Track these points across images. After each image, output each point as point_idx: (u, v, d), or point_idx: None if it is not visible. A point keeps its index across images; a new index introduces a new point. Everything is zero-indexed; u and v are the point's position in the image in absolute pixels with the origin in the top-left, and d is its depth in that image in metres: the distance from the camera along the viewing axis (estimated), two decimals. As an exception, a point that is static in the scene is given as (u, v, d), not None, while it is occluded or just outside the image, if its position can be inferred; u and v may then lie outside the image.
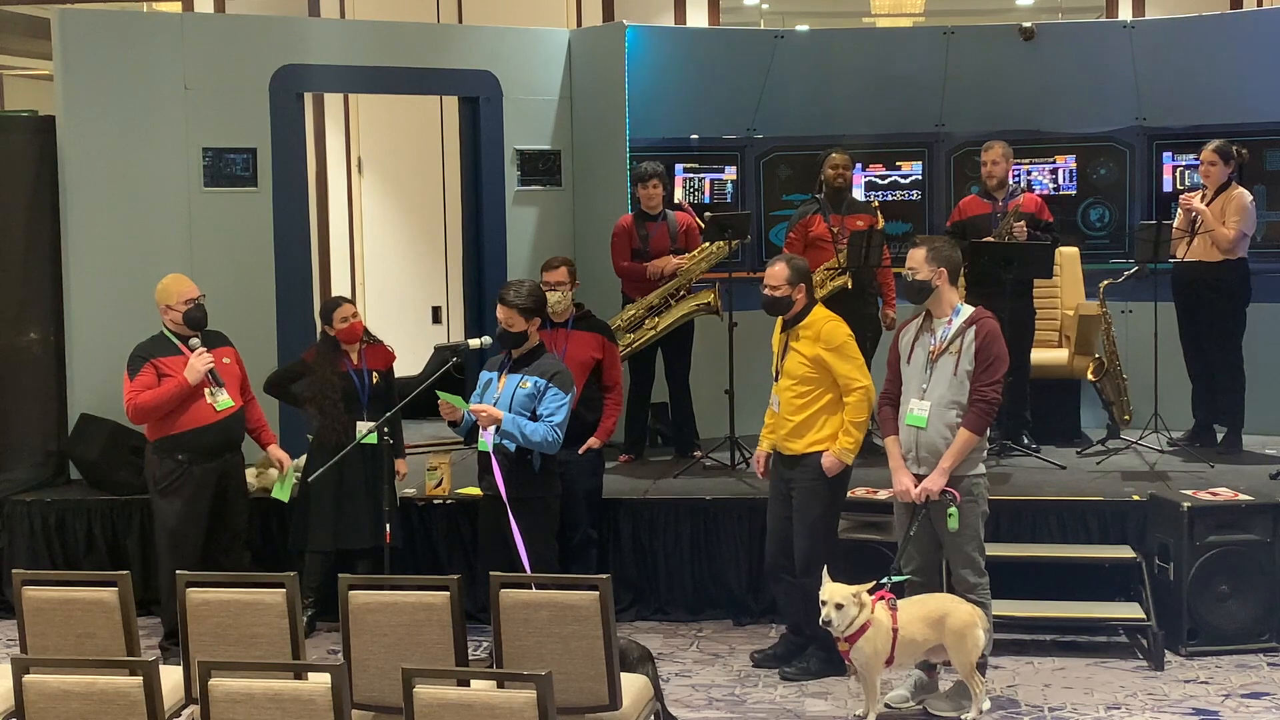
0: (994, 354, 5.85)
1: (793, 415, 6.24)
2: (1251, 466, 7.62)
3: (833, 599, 5.67)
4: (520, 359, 6.25)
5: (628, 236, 8.22)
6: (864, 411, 6.18)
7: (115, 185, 8.04)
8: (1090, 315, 8.33)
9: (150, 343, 6.69)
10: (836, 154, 8.28)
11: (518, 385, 6.16)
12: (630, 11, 10.33)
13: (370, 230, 10.86)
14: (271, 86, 8.30)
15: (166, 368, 6.58)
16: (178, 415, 6.59)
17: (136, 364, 6.59)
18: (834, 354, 6.16)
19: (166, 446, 6.63)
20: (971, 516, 5.90)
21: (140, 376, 6.55)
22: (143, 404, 6.53)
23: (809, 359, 6.18)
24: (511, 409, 6.13)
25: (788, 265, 6.25)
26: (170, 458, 6.62)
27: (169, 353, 6.63)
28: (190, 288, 6.70)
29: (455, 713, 4.01)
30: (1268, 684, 6.30)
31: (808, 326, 6.22)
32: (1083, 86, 8.98)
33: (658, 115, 8.91)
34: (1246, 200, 7.90)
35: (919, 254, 5.94)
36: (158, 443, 6.66)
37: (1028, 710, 6.03)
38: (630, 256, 8.19)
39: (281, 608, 4.95)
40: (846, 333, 6.24)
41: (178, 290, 6.67)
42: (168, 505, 6.66)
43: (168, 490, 6.65)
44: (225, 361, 6.75)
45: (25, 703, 4.17)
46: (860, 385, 6.16)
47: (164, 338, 6.69)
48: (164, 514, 6.69)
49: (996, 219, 8.06)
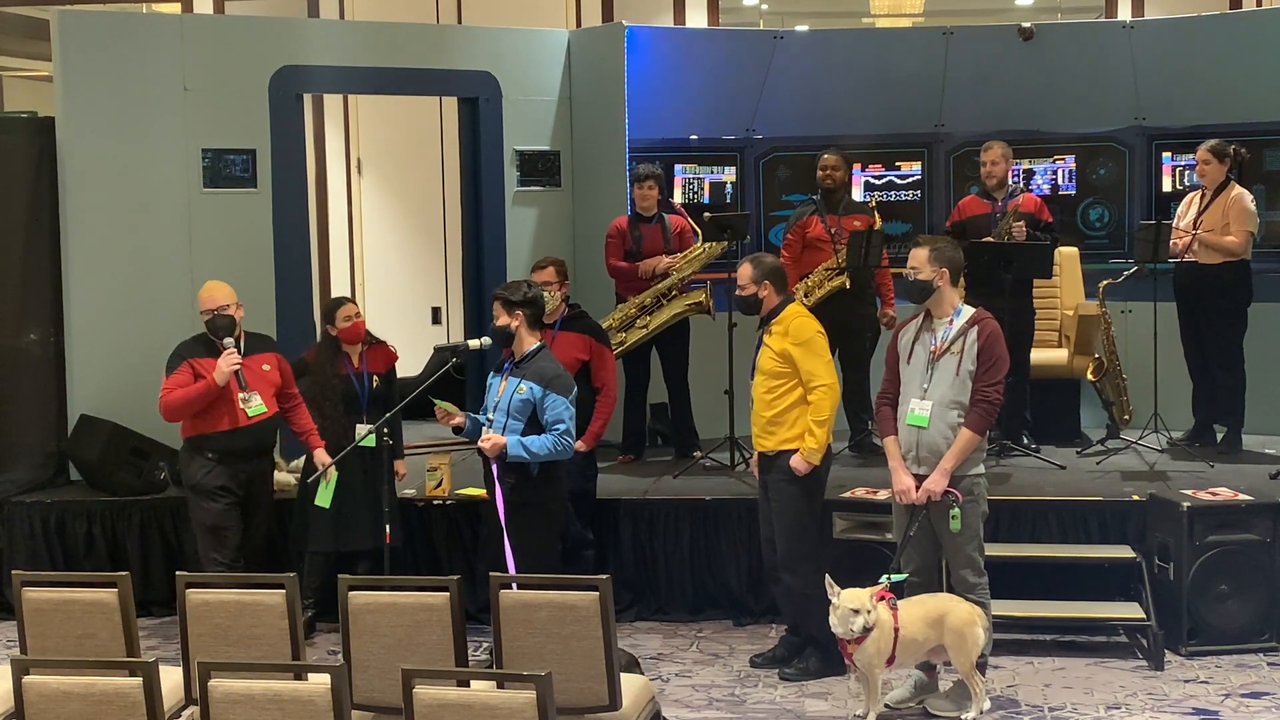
0: (996, 354, 5.86)
1: (764, 411, 6.26)
2: (1251, 466, 7.62)
3: (853, 605, 5.63)
4: (520, 361, 6.23)
5: (621, 238, 8.22)
6: (825, 410, 6.15)
7: (115, 185, 8.04)
8: (1090, 315, 8.33)
9: (192, 342, 6.78)
10: (828, 155, 8.27)
11: (515, 389, 6.14)
12: (630, 12, 10.33)
13: (370, 231, 10.86)
14: (271, 87, 8.30)
15: (202, 368, 6.63)
16: (208, 415, 6.65)
17: (174, 362, 6.70)
18: (800, 348, 6.16)
19: (197, 445, 6.71)
20: (972, 516, 5.90)
21: (176, 374, 6.64)
22: (171, 402, 6.61)
23: (777, 353, 6.19)
24: (509, 412, 6.12)
25: (751, 264, 6.29)
26: (200, 456, 6.69)
27: (207, 353, 6.68)
28: (219, 297, 6.72)
29: (455, 713, 4.02)
30: (1268, 684, 6.30)
31: (779, 322, 6.24)
32: (1082, 86, 8.98)
33: (657, 115, 8.91)
34: (1247, 201, 7.90)
35: (921, 254, 5.94)
36: (189, 441, 6.75)
37: (1028, 710, 6.03)
38: (623, 258, 8.20)
39: (281, 608, 4.96)
40: (816, 329, 6.23)
41: (208, 297, 6.74)
42: (204, 503, 6.69)
43: (200, 488, 6.68)
44: (265, 368, 6.77)
45: (25, 703, 4.17)
46: (823, 383, 6.14)
47: (205, 338, 6.76)
48: (202, 512, 6.72)
49: (996, 219, 8.06)
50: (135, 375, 8.03)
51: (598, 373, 7.11)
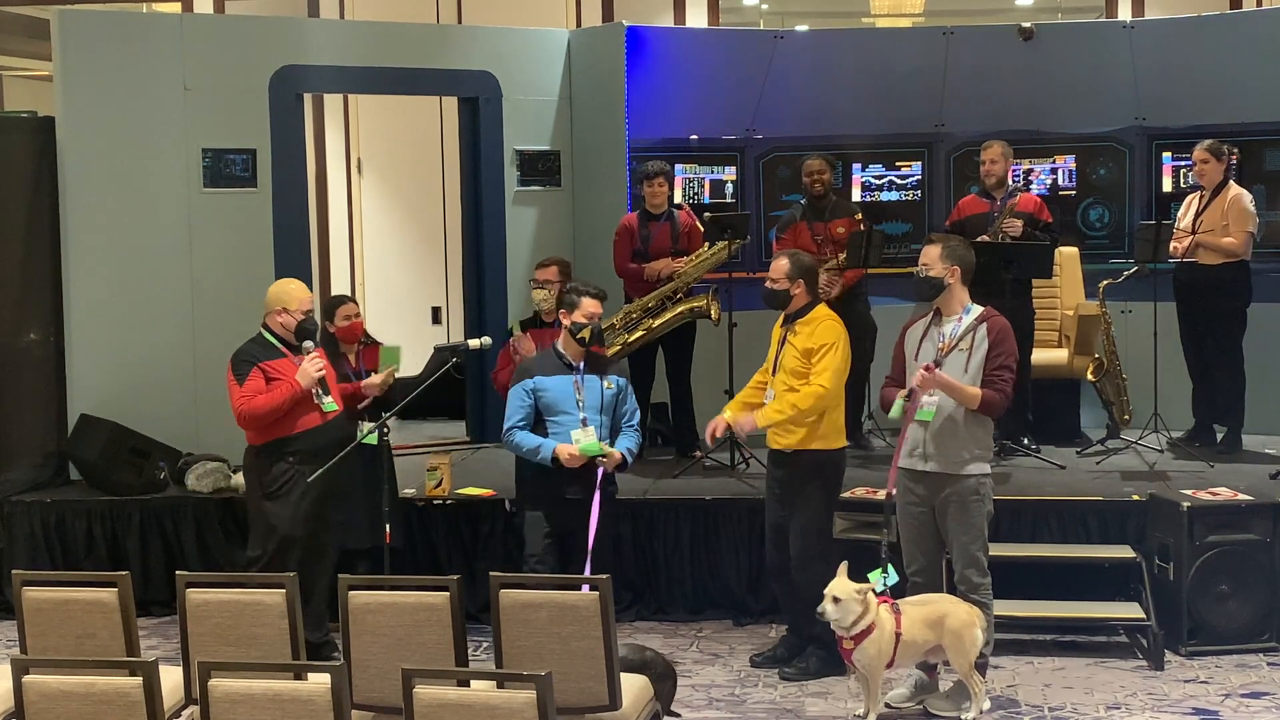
0: (1006, 350, 5.87)
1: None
2: (1251, 466, 7.62)
3: (832, 592, 5.68)
4: (590, 360, 6.28)
5: (629, 236, 8.22)
6: (808, 401, 6.12)
7: (115, 185, 8.05)
8: (1090, 315, 8.33)
9: (254, 346, 6.44)
10: (812, 160, 8.25)
11: (603, 387, 6.21)
12: (630, 11, 10.33)
13: (370, 230, 10.86)
14: (271, 87, 8.30)
15: (275, 371, 6.33)
16: (288, 418, 6.35)
17: (244, 368, 6.32)
18: (820, 350, 6.16)
19: (276, 450, 6.37)
20: (977, 516, 5.91)
21: (250, 380, 6.29)
22: (257, 409, 6.26)
23: (801, 353, 6.19)
24: (601, 410, 6.22)
25: (790, 260, 6.29)
26: (281, 460, 6.36)
27: (274, 356, 6.37)
28: (309, 296, 6.56)
29: (455, 713, 4.01)
30: (1268, 684, 6.30)
31: (807, 322, 6.24)
32: (1082, 86, 8.98)
33: (657, 115, 8.91)
34: (1246, 201, 7.90)
35: (933, 251, 5.95)
36: (265, 447, 6.39)
37: (1028, 710, 6.03)
38: (631, 257, 8.20)
39: (281, 608, 4.95)
40: (843, 335, 6.24)
41: (300, 297, 6.48)
42: (277, 509, 6.38)
43: (276, 494, 6.39)
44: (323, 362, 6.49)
45: (25, 703, 4.17)
46: (823, 387, 6.12)
47: (265, 341, 6.44)
48: (273, 517, 6.42)
49: (994, 218, 8.06)
50: (135, 375, 8.05)
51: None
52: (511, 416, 6.26)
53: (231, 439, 7.93)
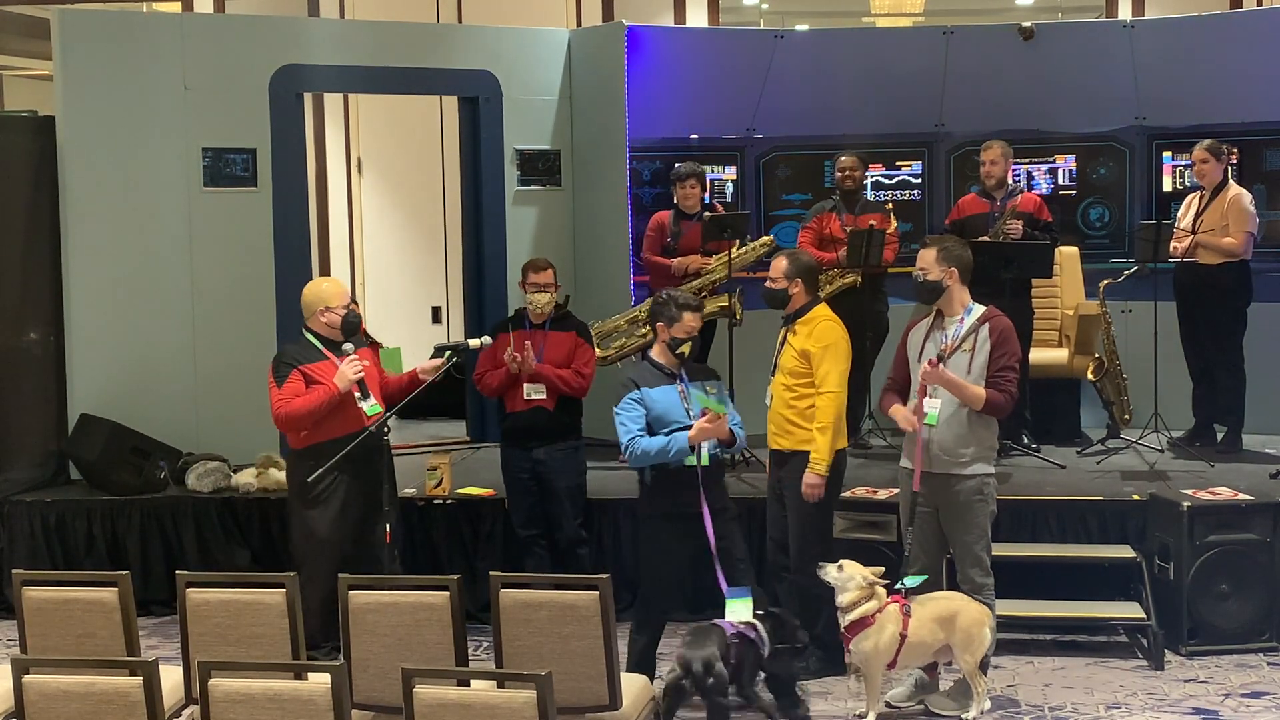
0: (1009, 350, 5.87)
1: (783, 409, 6.24)
2: (1251, 466, 7.62)
3: (842, 561, 5.74)
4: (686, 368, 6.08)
5: (661, 232, 8.27)
6: (830, 414, 6.07)
7: (115, 185, 8.05)
8: (1090, 315, 8.33)
9: (295, 348, 6.35)
10: (845, 156, 8.35)
11: (706, 391, 6.01)
12: (630, 11, 10.33)
13: (370, 230, 10.86)
14: (271, 86, 8.30)
15: (316, 374, 6.22)
16: (328, 421, 6.23)
17: (284, 370, 6.22)
18: (821, 351, 6.14)
19: (316, 453, 6.20)
20: (980, 516, 5.91)
21: (289, 383, 6.18)
22: (294, 412, 6.15)
23: (799, 353, 6.18)
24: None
25: (788, 259, 6.28)
26: (320, 464, 6.13)
27: (315, 358, 6.27)
28: (346, 290, 6.44)
29: (455, 713, 4.02)
30: (1268, 684, 6.30)
31: (806, 322, 6.23)
32: (1083, 86, 8.97)
33: (657, 115, 8.91)
34: (1246, 201, 7.90)
35: (929, 254, 5.94)
36: (305, 450, 6.26)
37: (1028, 710, 6.03)
38: (660, 252, 8.24)
39: (281, 608, 4.95)
40: (841, 335, 6.22)
41: (337, 292, 6.37)
42: (318, 513, 6.30)
43: (317, 499, 6.28)
44: (364, 364, 6.34)
45: (25, 703, 4.17)
46: (832, 391, 6.10)
47: (308, 343, 6.33)
48: (313, 521, 6.35)
49: (994, 218, 8.06)
50: (135, 375, 8.05)
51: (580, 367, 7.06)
52: (629, 428, 5.89)
53: (232, 439, 7.97)
